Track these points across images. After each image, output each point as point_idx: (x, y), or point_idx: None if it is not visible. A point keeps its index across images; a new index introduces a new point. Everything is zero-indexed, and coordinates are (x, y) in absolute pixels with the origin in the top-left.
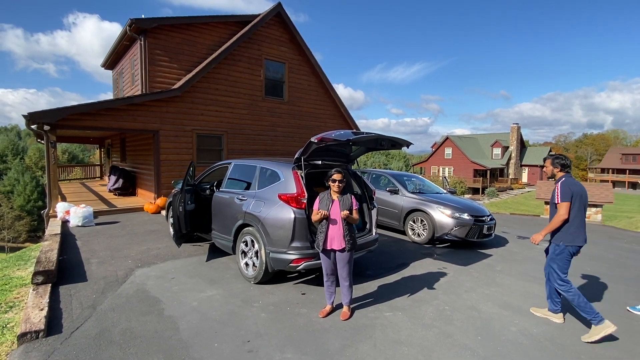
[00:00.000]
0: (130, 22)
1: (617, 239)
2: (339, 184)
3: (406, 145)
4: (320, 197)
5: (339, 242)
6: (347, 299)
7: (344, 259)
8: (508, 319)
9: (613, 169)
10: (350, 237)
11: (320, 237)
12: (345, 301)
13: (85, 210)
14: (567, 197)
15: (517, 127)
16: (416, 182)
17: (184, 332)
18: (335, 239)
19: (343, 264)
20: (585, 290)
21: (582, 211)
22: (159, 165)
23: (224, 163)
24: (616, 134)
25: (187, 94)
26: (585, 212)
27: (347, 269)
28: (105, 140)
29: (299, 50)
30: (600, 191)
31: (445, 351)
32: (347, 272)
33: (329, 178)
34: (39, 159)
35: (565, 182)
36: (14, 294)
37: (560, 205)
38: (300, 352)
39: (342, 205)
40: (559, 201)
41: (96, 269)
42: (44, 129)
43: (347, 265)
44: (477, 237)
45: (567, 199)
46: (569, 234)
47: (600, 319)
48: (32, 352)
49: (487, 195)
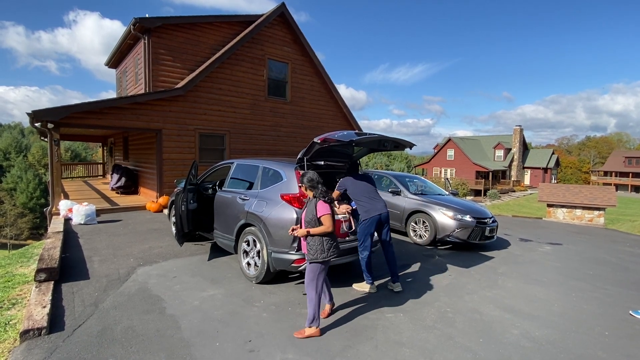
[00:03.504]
0: (135, 21)
1: (620, 243)
2: (304, 187)
3: (409, 147)
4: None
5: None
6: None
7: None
8: (510, 322)
9: (616, 172)
10: (311, 249)
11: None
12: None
13: (88, 208)
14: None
15: (519, 129)
16: (418, 184)
17: (186, 331)
18: (303, 246)
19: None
20: (587, 294)
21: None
22: (161, 164)
23: (227, 162)
24: (619, 136)
25: (190, 93)
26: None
27: (307, 279)
28: (108, 138)
29: (302, 50)
30: (603, 194)
31: (446, 353)
32: (306, 282)
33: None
34: (42, 156)
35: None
36: (16, 291)
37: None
38: (302, 352)
39: (306, 213)
40: None
41: (98, 267)
42: (48, 127)
43: (307, 276)
44: (479, 239)
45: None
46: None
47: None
48: (34, 349)
49: (489, 197)
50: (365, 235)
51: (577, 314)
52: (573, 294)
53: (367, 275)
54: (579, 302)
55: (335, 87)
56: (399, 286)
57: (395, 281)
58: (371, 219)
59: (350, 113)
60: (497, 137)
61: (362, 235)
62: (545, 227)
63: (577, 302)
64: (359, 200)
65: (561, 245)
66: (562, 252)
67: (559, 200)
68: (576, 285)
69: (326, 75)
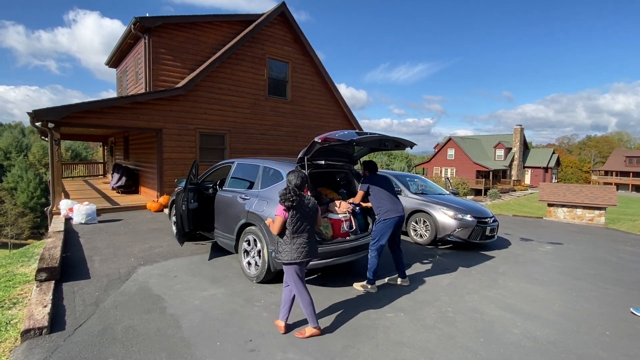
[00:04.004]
0: (135, 21)
1: (621, 242)
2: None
3: (410, 146)
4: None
5: None
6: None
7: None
8: (510, 321)
9: (617, 172)
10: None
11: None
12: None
13: (89, 208)
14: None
15: (520, 128)
16: (419, 183)
17: (186, 330)
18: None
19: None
20: (588, 293)
21: None
22: (161, 163)
23: (227, 162)
24: (620, 136)
25: (190, 93)
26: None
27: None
28: (109, 138)
29: (302, 50)
30: (603, 194)
31: (447, 353)
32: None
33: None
34: (42, 156)
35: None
36: (17, 290)
37: None
38: (302, 352)
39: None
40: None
41: (99, 267)
42: (48, 127)
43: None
44: (480, 239)
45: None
46: None
47: None
48: (35, 348)
49: (490, 197)
50: (382, 235)
51: (577, 314)
52: (574, 293)
53: (371, 275)
54: (580, 301)
55: (335, 86)
56: (407, 280)
57: (404, 277)
58: (392, 219)
59: (350, 112)
60: (497, 137)
61: (378, 234)
62: (545, 226)
63: (577, 302)
64: (382, 199)
65: (562, 245)
66: (562, 251)
67: (559, 199)
68: (577, 285)
69: (326, 74)
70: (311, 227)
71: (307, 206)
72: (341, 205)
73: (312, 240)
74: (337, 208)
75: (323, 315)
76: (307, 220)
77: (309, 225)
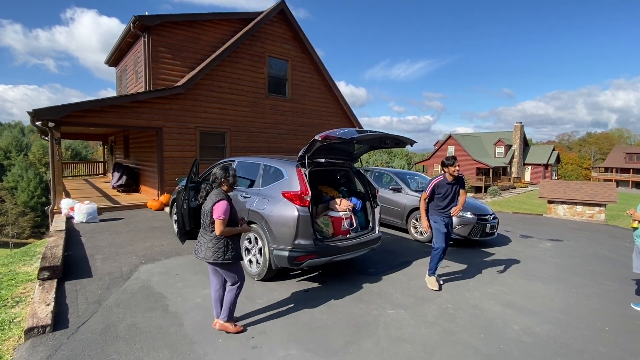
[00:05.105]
0: (134, 19)
1: (620, 239)
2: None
3: (410, 144)
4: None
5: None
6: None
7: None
8: (511, 318)
9: (617, 168)
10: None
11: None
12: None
13: (90, 207)
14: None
15: (520, 125)
16: (419, 181)
17: (189, 328)
18: None
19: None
20: (588, 289)
21: None
22: (162, 162)
23: (228, 160)
24: (620, 132)
25: (190, 92)
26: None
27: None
28: (109, 137)
29: (302, 47)
30: (603, 190)
31: (448, 349)
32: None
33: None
34: (42, 155)
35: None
36: (20, 289)
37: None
38: (304, 348)
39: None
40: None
41: (101, 265)
42: (49, 126)
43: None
44: (480, 236)
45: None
46: None
47: None
48: (39, 346)
49: (490, 194)
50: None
51: (577, 310)
52: (573, 289)
53: (434, 266)
54: (580, 297)
55: (335, 84)
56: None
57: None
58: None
59: (350, 110)
60: (497, 134)
61: (436, 231)
62: (545, 223)
63: (577, 298)
64: (443, 199)
65: (562, 242)
66: (562, 248)
67: (559, 196)
68: (577, 281)
69: (326, 72)
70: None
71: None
72: (341, 203)
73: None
74: (338, 206)
75: (324, 312)
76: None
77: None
